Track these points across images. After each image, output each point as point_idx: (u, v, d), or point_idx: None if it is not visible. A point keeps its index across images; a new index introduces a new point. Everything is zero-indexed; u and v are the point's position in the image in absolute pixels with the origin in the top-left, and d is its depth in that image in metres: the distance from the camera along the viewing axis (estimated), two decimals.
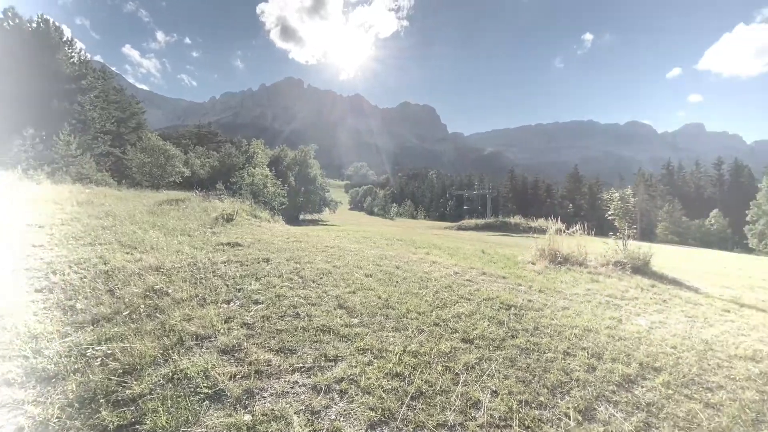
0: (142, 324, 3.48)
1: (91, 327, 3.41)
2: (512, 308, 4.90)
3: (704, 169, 74.67)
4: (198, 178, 48.67)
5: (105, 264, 5.18)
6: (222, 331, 3.48)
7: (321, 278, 5.38)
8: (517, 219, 36.03)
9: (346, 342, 3.49)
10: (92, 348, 3.02)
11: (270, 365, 3.00)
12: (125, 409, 2.38)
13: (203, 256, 6.01)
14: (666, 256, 13.82)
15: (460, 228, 35.61)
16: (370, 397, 2.69)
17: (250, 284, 4.77)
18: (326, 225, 31.08)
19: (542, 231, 10.37)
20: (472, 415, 2.64)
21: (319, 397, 2.66)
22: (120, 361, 2.86)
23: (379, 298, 4.75)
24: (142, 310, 3.80)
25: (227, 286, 4.70)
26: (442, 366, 3.22)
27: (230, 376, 2.79)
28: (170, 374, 2.74)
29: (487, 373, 3.18)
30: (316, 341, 3.45)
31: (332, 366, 3.07)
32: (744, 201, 49.03)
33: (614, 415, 2.79)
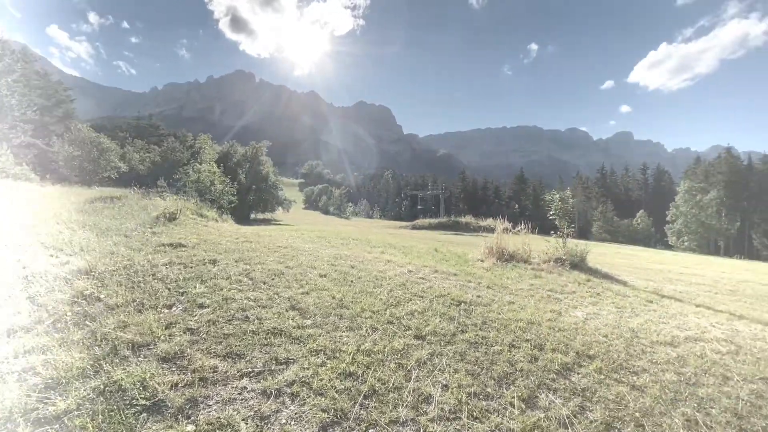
0: (68, 333, 3.16)
1: (7, 339, 3.03)
2: (462, 304, 5.08)
3: (632, 174, 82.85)
4: (137, 173, 45.27)
5: (24, 268, 4.63)
6: (162, 337, 3.25)
7: (273, 279, 5.21)
8: (468, 218, 37.37)
9: (298, 344, 3.41)
10: (7, 362, 2.69)
11: (216, 372, 2.86)
12: (48, 427, 2.16)
13: (141, 258, 5.58)
14: (600, 253, 15.06)
15: (414, 227, 36.27)
16: (323, 399, 2.65)
17: (195, 287, 4.51)
18: (279, 224, 30.20)
19: (491, 230, 10.85)
20: (424, 409, 2.70)
21: (268, 402, 2.58)
22: (41, 375, 2.58)
23: (333, 298, 4.70)
24: (68, 318, 3.45)
25: (169, 289, 4.40)
26: (395, 363, 3.26)
27: (171, 386, 2.62)
28: (102, 387, 2.52)
29: (438, 368, 3.27)
30: (267, 344, 3.33)
31: (283, 369, 2.99)
32: (665, 203, 54.94)
33: (554, 402, 2.99)
